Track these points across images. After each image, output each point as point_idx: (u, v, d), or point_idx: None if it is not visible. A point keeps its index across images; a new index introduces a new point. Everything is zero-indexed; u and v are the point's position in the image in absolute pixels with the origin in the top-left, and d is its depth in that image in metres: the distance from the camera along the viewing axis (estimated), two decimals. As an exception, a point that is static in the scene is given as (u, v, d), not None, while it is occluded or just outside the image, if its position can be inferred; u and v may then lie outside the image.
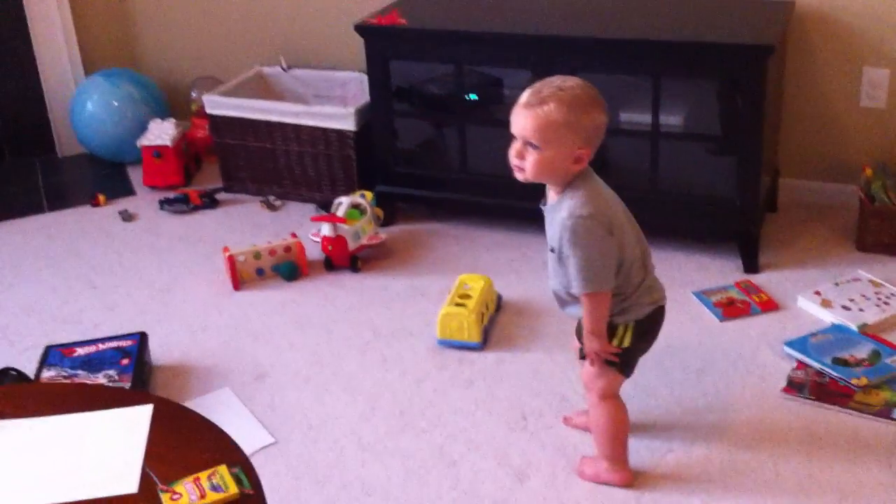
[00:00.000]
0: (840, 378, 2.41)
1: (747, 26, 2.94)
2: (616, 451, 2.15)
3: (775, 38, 2.81)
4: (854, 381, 2.38)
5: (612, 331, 2.03)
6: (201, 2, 3.99)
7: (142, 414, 1.70)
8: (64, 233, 3.48)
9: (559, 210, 1.95)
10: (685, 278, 2.92)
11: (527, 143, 1.91)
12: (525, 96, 1.93)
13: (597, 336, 2.01)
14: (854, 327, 2.61)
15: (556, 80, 1.93)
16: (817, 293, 2.77)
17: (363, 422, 2.40)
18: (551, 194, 2.01)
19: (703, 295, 2.83)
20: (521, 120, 1.91)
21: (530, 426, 2.35)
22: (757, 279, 2.91)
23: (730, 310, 2.75)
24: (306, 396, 2.51)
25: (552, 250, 2.00)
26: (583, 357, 2.09)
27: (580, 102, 1.89)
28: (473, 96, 3.28)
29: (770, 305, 2.77)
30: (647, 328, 2.07)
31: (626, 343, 2.04)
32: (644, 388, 2.44)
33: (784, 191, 3.34)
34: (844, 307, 2.70)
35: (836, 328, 2.62)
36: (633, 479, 2.15)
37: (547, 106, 1.88)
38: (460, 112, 3.23)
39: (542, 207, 2.04)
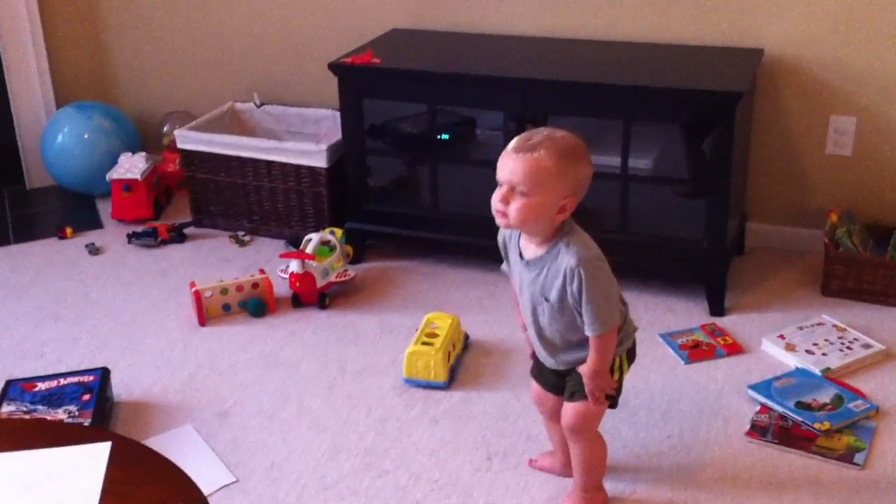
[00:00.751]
0: (803, 422, 2.42)
1: (716, 73, 2.98)
2: (599, 479, 2.21)
3: (743, 85, 2.85)
4: (817, 426, 2.40)
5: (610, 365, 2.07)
6: (175, 36, 4.00)
7: (99, 451, 1.67)
8: (29, 265, 3.44)
9: (555, 259, 1.95)
10: (652, 320, 2.94)
11: (513, 189, 1.90)
12: (515, 142, 1.92)
13: (602, 374, 2.03)
14: (817, 371, 2.63)
15: (546, 130, 1.94)
16: (781, 337, 2.79)
17: (327, 460, 2.38)
18: (531, 248, 2.00)
19: (668, 337, 2.85)
20: (511, 164, 1.90)
21: (495, 466, 2.34)
22: (722, 322, 2.93)
23: (695, 352, 2.76)
24: (270, 434, 2.49)
25: (547, 300, 1.99)
26: (572, 398, 2.10)
27: (571, 152, 1.90)
28: (446, 135, 3.30)
29: (735, 348, 2.78)
30: (633, 356, 2.14)
31: (625, 373, 2.11)
32: (608, 430, 2.43)
33: (751, 235, 3.37)
34: (808, 351, 2.72)
35: (800, 372, 2.63)
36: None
37: (538, 152, 1.88)
38: (432, 151, 3.24)
39: (521, 261, 2.03)
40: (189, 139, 3.58)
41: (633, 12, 3.29)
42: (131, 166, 3.72)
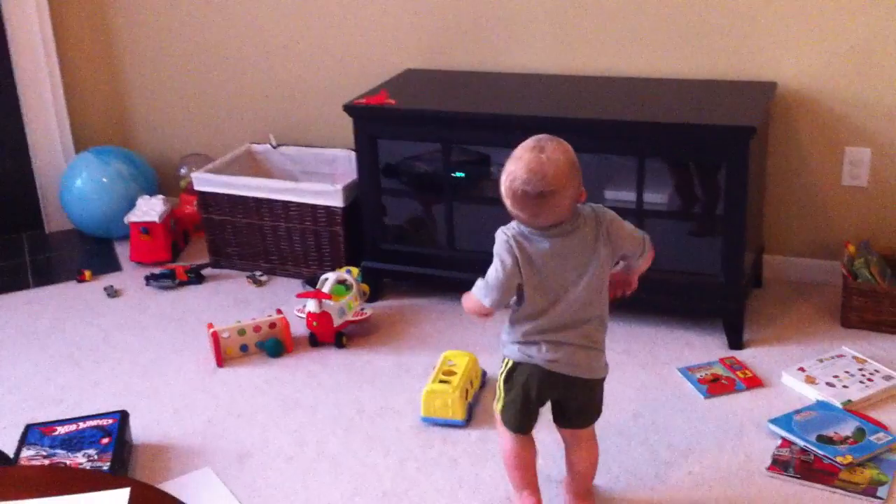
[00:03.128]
0: (825, 456, 2.39)
1: (730, 108, 2.98)
2: (511, 479, 2.28)
3: (757, 119, 2.85)
4: (839, 459, 2.37)
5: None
6: (191, 80, 4.05)
7: (118, 498, 1.67)
8: (49, 309, 3.47)
9: None
10: (670, 354, 2.92)
11: None
12: None
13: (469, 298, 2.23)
14: (838, 404, 2.60)
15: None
16: (801, 370, 2.77)
17: (346, 502, 2.37)
18: None
19: (688, 371, 2.83)
20: None
21: (515, 506, 2.33)
22: (742, 355, 2.91)
23: (715, 387, 2.75)
24: (289, 477, 2.48)
25: None
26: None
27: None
28: (460, 174, 3.31)
29: (755, 382, 2.76)
30: (514, 375, 2.18)
31: (501, 377, 2.21)
32: (628, 466, 2.42)
33: (769, 267, 3.36)
34: (829, 384, 2.70)
35: (821, 405, 2.61)
36: None
37: None
38: (447, 189, 3.25)
39: None
40: (206, 181, 3.61)
41: (645, 48, 3.31)
42: (149, 209, 3.75)
